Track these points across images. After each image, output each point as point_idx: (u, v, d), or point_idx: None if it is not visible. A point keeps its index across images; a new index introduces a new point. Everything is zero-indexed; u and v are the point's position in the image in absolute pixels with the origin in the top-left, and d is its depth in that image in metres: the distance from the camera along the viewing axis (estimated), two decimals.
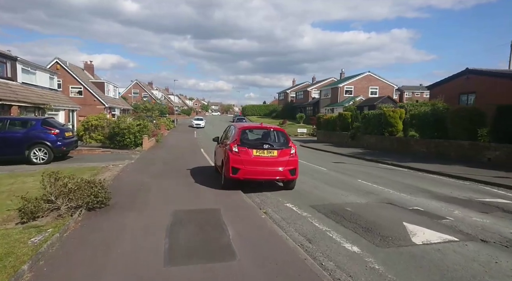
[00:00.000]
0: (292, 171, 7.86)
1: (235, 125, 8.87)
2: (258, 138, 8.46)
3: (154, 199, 7.02)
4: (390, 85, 46.31)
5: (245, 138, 8.06)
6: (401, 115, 19.29)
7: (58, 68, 35.68)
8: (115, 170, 10.94)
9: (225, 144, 8.68)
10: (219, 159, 9.53)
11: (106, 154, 15.39)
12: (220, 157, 9.12)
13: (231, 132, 9.03)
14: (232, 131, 8.80)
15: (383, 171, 12.11)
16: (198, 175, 10.26)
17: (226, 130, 9.80)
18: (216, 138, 10.48)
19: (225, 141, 9.17)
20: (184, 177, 9.86)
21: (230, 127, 9.48)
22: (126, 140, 18.30)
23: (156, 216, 5.85)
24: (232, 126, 9.28)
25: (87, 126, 21.43)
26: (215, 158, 11.15)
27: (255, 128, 8.67)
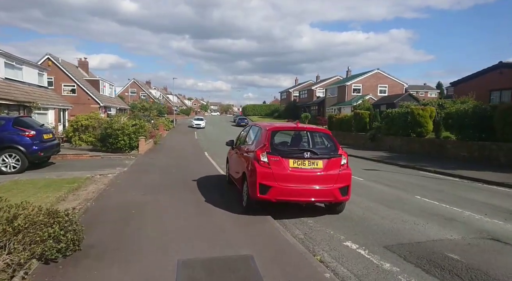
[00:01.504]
0: (343, 189, 5.62)
1: (260, 125, 6.61)
2: (294, 143, 6.18)
3: (151, 236, 4.74)
4: (400, 83, 44.18)
5: (277, 143, 5.81)
6: (431, 113, 17.07)
7: (49, 65, 33.36)
8: (102, 182, 8.66)
9: (246, 150, 6.43)
10: (235, 169, 7.29)
11: (95, 160, 13.09)
12: (238, 167, 6.88)
13: (253, 134, 6.80)
14: (256, 132, 6.56)
15: (433, 182, 9.88)
16: (208, 189, 7.99)
17: (246, 131, 7.55)
18: (230, 142, 8.24)
19: (244, 146, 6.93)
20: (190, 192, 7.59)
21: (252, 128, 7.23)
22: (120, 142, 16.02)
23: (154, 271, 3.60)
24: (255, 127, 7.03)
25: (77, 126, 19.17)
26: (227, 166, 8.90)
27: (290, 128, 6.32)
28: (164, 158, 14.57)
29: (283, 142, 5.94)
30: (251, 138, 6.89)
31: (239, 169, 6.78)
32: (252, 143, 6.36)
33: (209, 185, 8.59)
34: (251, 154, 5.96)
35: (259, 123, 6.92)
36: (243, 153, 6.66)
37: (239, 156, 7.04)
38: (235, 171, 7.33)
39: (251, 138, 6.83)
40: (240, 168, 6.61)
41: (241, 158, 6.73)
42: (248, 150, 6.32)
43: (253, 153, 5.85)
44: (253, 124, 7.29)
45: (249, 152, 6.17)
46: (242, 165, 6.51)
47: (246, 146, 6.77)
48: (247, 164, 5.99)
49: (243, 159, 6.56)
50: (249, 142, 6.77)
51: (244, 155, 6.50)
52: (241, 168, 6.49)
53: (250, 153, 6.02)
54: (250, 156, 5.97)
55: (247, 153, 6.29)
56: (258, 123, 6.99)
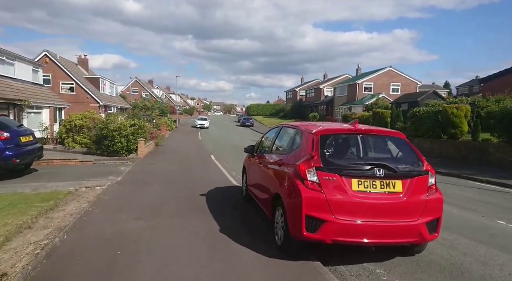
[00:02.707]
0: (432, 224, 3.74)
1: (298, 127, 4.69)
2: (354, 154, 4.26)
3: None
4: (414, 82, 42.10)
5: (331, 153, 3.94)
6: (466, 113, 15.14)
7: (47, 62, 31.68)
8: (86, 199, 6.83)
9: (278, 162, 4.54)
10: (259, 185, 5.44)
11: (86, 166, 11.26)
12: (265, 184, 5.03)
13: (287, 138, 4.91)
14: (292, 137, 4.68)
15: (498, 197, 7.98)
16: (221, 209, 6.13)
17: (273, 135, 5.64)
18: (250, 148, 6.37)
19: (272, 155, 5.05)
20: (199, 215, 5.72)
21: (283, 131, 5.33)
22: (117, 144, 14.22)
23: None
24: (288, 129, 5.13)
25: (70, 126, 17.38)
26: (244, 177, 7.05)
27: (347, 132, 4.22)
28: (165, 164, 12.74)
29: (338, 152, 4.06)
30: (283, 144, 5.02)
31: (266, 187, 4.92)
32: (288, 151, 4.48)
33: (222, 202, 6.73)
34: (289, 168, 4.09)
35: (295, 124, 4.99)
36: (272, 165, 4.79)
37: (264, 168, 5.18)
38: (258, 188, 5.47)
39: (284, 144, 4.96)
40: (269, 186, 4.75)
41: (269, 172, 4.87)
42: (281, 162, 4.45)
43: (292, 167, 3.99)
44: (285, 125, 5.38)
45: (284, 165, 4.31)
46: (271, 182, 4.65)
47: (276, 156, 4.90)
48: (283, 183, 4.13)
49: (272, 173, 4.70)
50: (281, 150, 4.90)
51: (274, 169, 4.63)
52: (271, 186, 4.63)
53: (287, 167, 4.16)
54: (287, 171, 4.11)
55: (281, 166, 4.42)
56: (294, 124, 5.06)
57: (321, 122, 5.15)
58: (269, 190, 4.69)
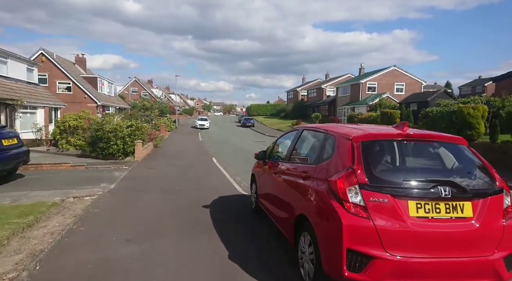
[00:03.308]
0: (510, 259, 2.87)
1: (328, 130, 3.71)
2: (406, 165, 3.34)
3: None
4: (418, 81, 41.23)
5: (379, 166, 3.05)
6: (483, 113, 14.28)
7: (43, 61, 30.84)
8: (72, 212, 5.93)
9: (303, 173, 3.63)
10: (275, 200, 4.55)
11: (77, 171, 10.34)
12: (283, 199, 4.13)
13: (313, 144, 4.03)
14: (321, 142, 3.72)
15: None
16: (229, 226, 5.25)
17: (292, 139, 4.65)
18: (262, 154, 5.47)
19: (292, 165, 4.17)
20: (202, 235, 4.82)
21: (306, 134, 4.40)
22: (112, 147, 13.33)
23: None
24: (314, 132, 4.18)
25: (64, 127, 16.48)
26: (253, 187, 6.16)
27: (395, 137, 3.21)
28: (164, 168, 11.85)
29: (386, 164, 3.16)
30: (307, 151, 4.12)
31: (285, 204, 4.03)
32: (315, 161, 3.56)
33: (229, 216, 5.84)
34: (319, 184, 3.21)
35: (322, 127, 4.02)
36: (294, 177, 3.90)
37: (281, 180, 4.28)
38: (274, 202, 4.58)
39: (308, 151, 4.05)
40: (289, 202, 3.86)
41: (289, 185, 3.99)
42: (307, 175, 3.54)
43: (324, 183, 3.10)
44: (307, 128, 4.46)
45: (311, 179, 3.41)
46: (293, 198, 3.76)
47: (298, 166, 4.00)
48: (311, 202, 3.25)
49: (293, 187, 3.82)
50: (305, 159, 4.00)
51: (297, 182, 3.73)
52: (292, 203, 3.74)
53: (316, 182, 3.27)
54: (317, 187, 3.22)
55: (306, 179, 3.53)
56: (319, 127, 4.12)
57: (353, 124, 4.23)
58: (290, 209, 3.80)
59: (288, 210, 3.86)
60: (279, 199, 4.31)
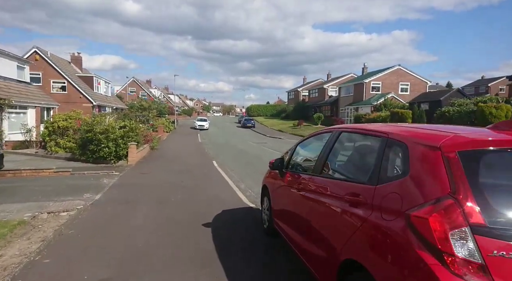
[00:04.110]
0: None
1: (393, 133, 2.44)
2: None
3: None
4: (423, 81, 40.13)
5: (498, 192, 1.86)
6: (507, 113, 13.18)
7: (37, 59, 29.69)
8: (42, 233, 4.77)
9: (350, 198, 2.46)
10: (298, 224, 3.42)
11: (61, 178, 9.15)
12: (315, 228, 2.97)
13: (364, 153, 2.86)
14: (379, 151, 2.46)
15: None
16: (237, 256, 4.09)
17: (329, 143, 3.30)
18: (278, 162, 4.30)
19: (329, 182, 3.00)
20: (204, 271, 3.68)
21: (351, 139, 3.21)
22: (103, 150, 12.19)
23: None
24: (363, 134, 2.99)
25: (52, 128, 15.32)
26: (266, 202, 5.01)
27: (507, 144, 2.00)
28: (160, 173, 10.69)
29: (507, 188, 2.03)
30: (353, 163, 2.97)
31: (319, 237, 2.87)
32: (373, 179, 2.34)
33: (236, 239, 4.68)
34: (386, 217, 2.05)
35: (378, 128, 2.76)
36: (333, 199, 2.73)
37: (310, 200, 3.13)
38: (299, 230, 3.40)
39: (355, 163, 2.92)
40: (327, 236, 2.72)
41: (325, 210, 2.83)
42: (359, 199, 2.36)
43: (398, 217, 1.94)
44: (348, 129, 3.27)
45: (367, 207, 2.25)
46: (333, 232, 2.61)
47: (340, 184, 2.82)
48: (373, 246, 2.09)
49: (332, 214, 2.67)
50: (350, 174, 2.85)
51: (341, 209, 2.56)
52: (333, 238, 2.59)
53: (381, 213, 2.10)
54: (383, 223, 2.05)
55: (358, 206, 2.36)
56: (373, 128, 2.83)
57: (416, 124, 2.97)
58: (329, 247, 2.64)
59: (326, 247, 2.71)
60: (309, 227, 3.16)
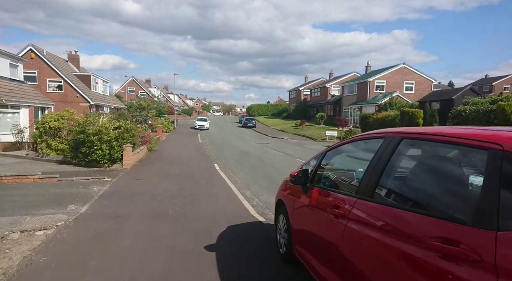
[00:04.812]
0: None
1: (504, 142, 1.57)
2: None
3: None
4: (428, 80, 39.30)
5: None
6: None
7: (32, 57, 28.86)
8: (7, 261, 3.85)
9: (440, 247, 1.57)
10: (335, 258, 2.51)
11: (46, 186, 8.19)
12: (369, 274, 2.09)
13: (447, 172, 1.96)
14: (492, 171, 1.54)
15: None
16: None
17: (378, 155, 2.41)
18: (302, 175, 3.38)
19: (386, 209, 2.10)
20: None
21: (409, 149, 2.30)
22: (96, 152, 11.28)
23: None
24: (430, 144, 2.15)
25: (44, 129, 14.42)
26: (282, 221, 4.12)
27: None
28: (157, 179, 9.78)
29: None
30: (434, 187, 2.01)
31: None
32: (481, 215, 1.48)
33: (248, 271, 3.79)
34: None
35: (484, 134, 1.75)
36: (405, 243, 1.82)
37: (361, 236, 2.21)
38: (340, 275, 2.52)
39: (432, 186, 2.01)
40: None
41: (387, 256, 1.92)
42: (453, 252, 1.48)
43: None
44: (411, 135, 2.32)
45: (479, 268, 1.38)
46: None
47: (414, 220, 1.84)
48: None
49: (404, 265, 1.78)
50: (419, 198, 1.95)
51: (421, 259, 1.66)
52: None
53: None
54: None
55: (459, 263, 1.46)
56: (474, 133, 1.80)
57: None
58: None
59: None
60: (352, 270, 2.26)
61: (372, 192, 2.31)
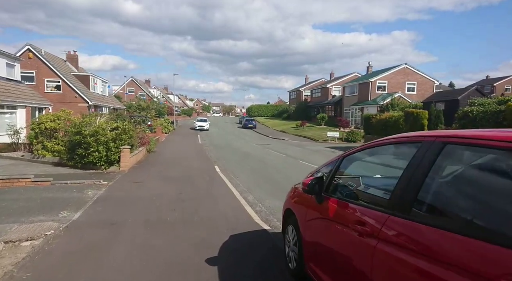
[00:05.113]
0: None
1: None
2: None
3: None
4: (430, 81, 38.98)
5: None
6: None
7: (30, 57, 28.51)
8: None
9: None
10: (342, 270, 2.15)
11: (38, 190, 7.78)
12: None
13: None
14: None
15: None
16: None
17: (415, 162, 2.01)
18: (314, 184, 3.01)
19: (429, 231, 1.72)
20: None
21: (463, 156, 1.94)
22: (93, 154, 10.89)
23: None
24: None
25: (39, 130, 14.03)
26: (291, 233, 3.73)
27: None
28: (156, 183, 9.38)
29: None
30: (492, 204, 1.68)
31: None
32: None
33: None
34: None
35: None
36: (462, 273, 1.48)
37: (397, 261, 1.84)
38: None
39: (497, 205, 1.64)
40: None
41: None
42: None
43: None
44: (470, 140, 1.81)
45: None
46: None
47: (469, 244, 1.50)
48: None
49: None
50: (480, 220, 1.58)
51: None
52: None
53: None
54: None
55: None
56: None
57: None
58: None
59: None
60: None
61: (409, 207, 1.92)
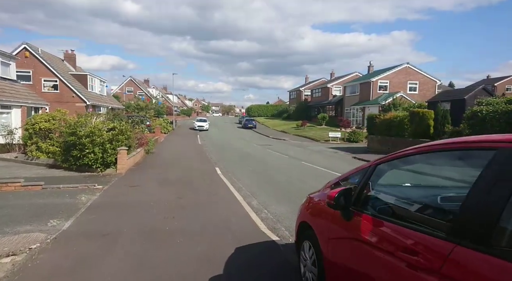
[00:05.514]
0: None
1: None
2: None
3: None
4: (432, 80, 38.56)
5: None
6: None
7: (27, 56, 27.96)
8: None
9: None
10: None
11: (28, 194, 7.27)
12: None
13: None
14: None
15: None
16: None
17: (481, 173, 1.57)
18: (342, 196, 2.54)
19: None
20: None
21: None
22: (88, 156, 10.39)
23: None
24: None
25: (34, 130, 13.52)
26: (304, 246, 3.25)
27: None
28: (154, 186, 8.88)
29: None
30: None
31: None
32: None
33: None
34: None
35: None
36: None
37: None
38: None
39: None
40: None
41: None
42: None
43: None
44: None
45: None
46: None
47: None
48: None
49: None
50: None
51: None
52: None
53: None
54: None
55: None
56: None
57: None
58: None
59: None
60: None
61: (487, 237, 1.44)
